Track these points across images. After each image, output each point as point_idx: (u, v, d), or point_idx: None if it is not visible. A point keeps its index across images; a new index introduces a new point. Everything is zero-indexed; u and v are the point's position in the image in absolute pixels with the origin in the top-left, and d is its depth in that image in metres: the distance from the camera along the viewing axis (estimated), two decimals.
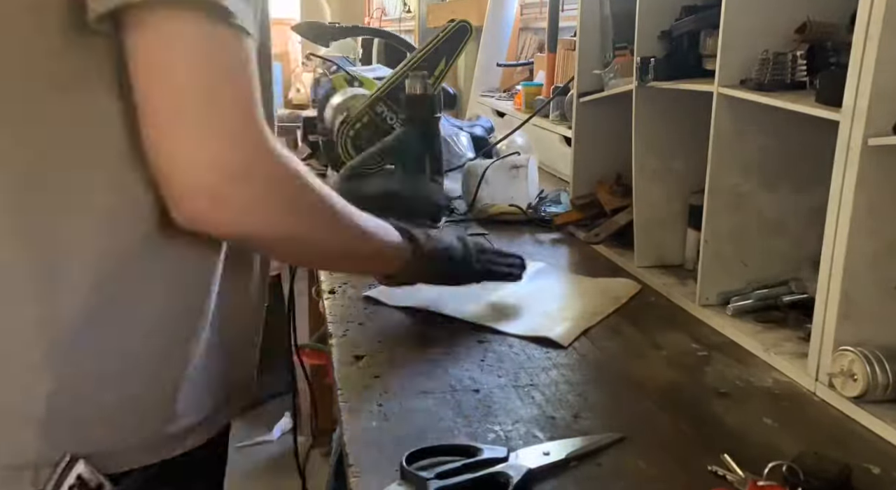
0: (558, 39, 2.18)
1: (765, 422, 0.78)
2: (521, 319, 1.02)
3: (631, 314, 1.07)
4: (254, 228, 0.68)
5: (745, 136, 0.99)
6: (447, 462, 0.67)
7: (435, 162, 1.47)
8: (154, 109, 0.61)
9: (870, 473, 0.69)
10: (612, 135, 1.37)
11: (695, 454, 0.71)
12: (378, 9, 4.97)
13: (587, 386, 0.85)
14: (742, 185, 1.00)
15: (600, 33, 1.40)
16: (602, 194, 1.40)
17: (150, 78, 0.60)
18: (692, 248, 1.17)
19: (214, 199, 0.63)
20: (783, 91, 0.91)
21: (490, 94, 2.81)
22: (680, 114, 1.16)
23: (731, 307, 1.01)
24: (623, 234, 1.31)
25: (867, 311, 0.80)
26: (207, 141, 0.61)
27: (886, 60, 0.73)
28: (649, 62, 1.13)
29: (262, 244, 0.74)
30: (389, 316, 1.04)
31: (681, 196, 1.20)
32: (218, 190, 0.63)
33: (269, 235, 0.70)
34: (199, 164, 0.61)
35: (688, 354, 0.94)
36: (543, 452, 0.69)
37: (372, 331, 0.99)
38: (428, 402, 0.80)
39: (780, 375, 0.88)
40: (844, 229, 0.78)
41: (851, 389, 0.78)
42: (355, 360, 0.90)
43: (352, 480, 0.67)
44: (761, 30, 0.95)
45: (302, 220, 0.72)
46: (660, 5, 1.14)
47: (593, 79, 1.40)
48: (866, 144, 0.75)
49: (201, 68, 0.60)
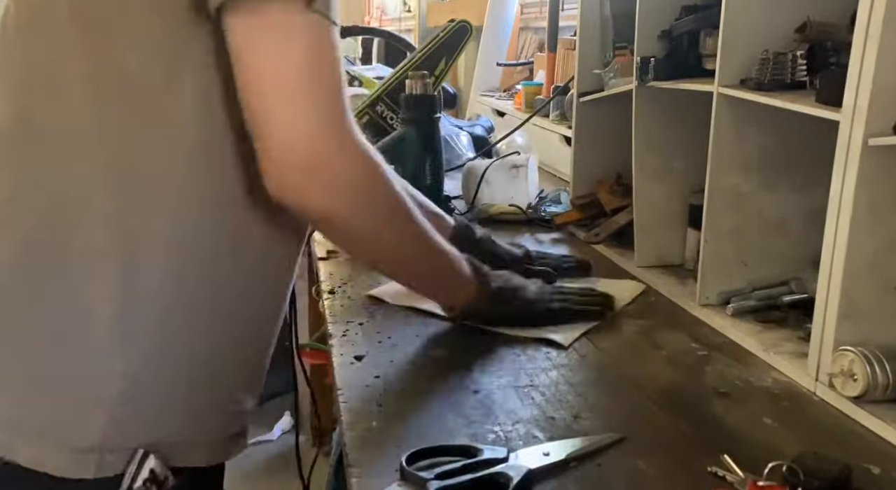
0: (558, 39, 2.18)
1: (765, 422, 0.78)
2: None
3: (631, 314, 1.07)
4: (337, 207, 0.72)
5: (745, 136, 0.99)
6: (447, 462, 0.67)
7: (435, 162, 1.47)
8: (263, 85, 0.66)
9: (870, 473, 0.69)
10: (612, 135, 1.37)
11: (695, 454, 0.71)
12: (378, 8, 4.98)
13: (587, 386, 0.85)
14: (742, 184, 1.00)
15: (600, 33, 1.40)
16: (602, 194, 1.40)
17: (262, 58, 0.65)
18: (692, 248, 1.17)
19: (306, 170, 0.68)
20: (783, 91, 0.91)
21: (490, 93, 2.81)
22: (680, 114, 1.16)
23: (731, 307, 1.01)
24: (623, 234, 1.31)
25: (867, 311, 0.80)
26: (307, 115, 0.67)
27: (886, 60, 0.73)
28: (649, 62, 1.13)
29: (341, 226, 0.76)
30: (389, 316, 1.04)
31: (681, 196, 1.20)
32: (311, 161, 0.67)
33: (349, 218, 0.73)
34: (299, 136, 0.67)
35: (688, 354, 0.94)
36: (543, 453, 0.69)
37: (372, 331, 0.99)
38: (428, 402, 0.80)
39: (780, 375, 0.88)
40: (844, 229, 0.78)
41: (851, 389, 0.78)
42: (355, 360, 0.90)
43: (352, 480, 0.67)
44: (761, 29, 0.95)
45: (380, 210, 0.76)
46: (660, 5, 1.14)
47: (593, 78, 1.40)
48: (866, 144, 0.75)
49: (307, 51, 0.66)
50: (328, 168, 0.69)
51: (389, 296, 1.09)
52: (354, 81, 1.97)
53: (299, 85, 0.66)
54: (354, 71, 2.08)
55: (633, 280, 1.19)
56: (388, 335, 0.98)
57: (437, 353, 0.92)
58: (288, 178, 0.68)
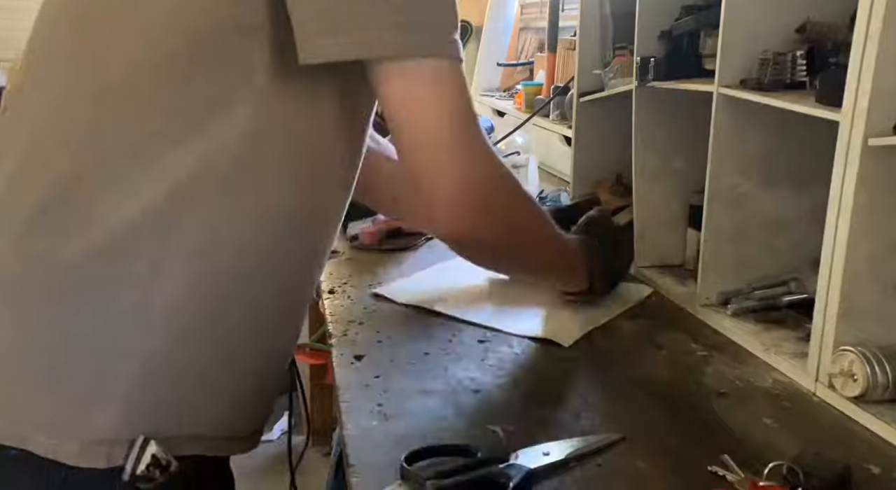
0: (558, 39, 2.17)
1: (765, 422, 0.78)
2: (527, 320, 1.02)
3: (631, 314, 1.07)
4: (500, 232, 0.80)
5: (745, 136, 0.98)
6: (447, 462, 0.67)
7: None
8: (421, 136, 0.72)
9: (870, 473, 0.69)
10: (612, 135, 1.37)
11: (695, 454, 0.71)
12: None
13: (587, 386, 0.85)
14: (742, 184, 1.00)
15: (600, 33, 1.40)
16: (602, 194, 1.40)
17: (419, 111, 0.71)
18: (692, 248, 1.17)
19: (473, 209, 0.74)
20: (783, 91, 0.91)
21: (490, 93, 2.81)
22: (680, 114, 1.16)
23: (731, 307, 1.01)
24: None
25: (867, 311, 0.80)
26: (465, 159, 0.73)
27: (886, 60, 0.73)
28: (649, 62, 1.12)
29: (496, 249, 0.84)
30: (389, 316, 1.04)
31: (681, 196, 1.19)
32: (476, 202, 0.74)
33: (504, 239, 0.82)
34: (462, 180, 0.73)
35: (688, 354, 0.94)
36: (543, 453, 0.69)
37: (372, 331, 0.99)
38: (428, 402, 0.80)
39: (780, 375, 0.88)
40: (844, 229, 0.78)
41: (851, 389, 0.78)
42: (355, 360, 0.90)
43: (352, 480, 0.67)
44: (761, 30, 0.95)
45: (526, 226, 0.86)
46: (660, 5, 1.14)
47: (593, 78, 1.39)
48: (866, 144, 0.75)
49: (458, 96, 0.72)
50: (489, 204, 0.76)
51: (393, 294, 1.09)
52: None
53: (455, 131, 0.72)
54: None
55: (640, 283, 1.18)
56: (388, 335, 0.98)
57: (437, 353, 0.92)
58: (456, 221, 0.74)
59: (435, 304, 1.06)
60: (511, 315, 1.04)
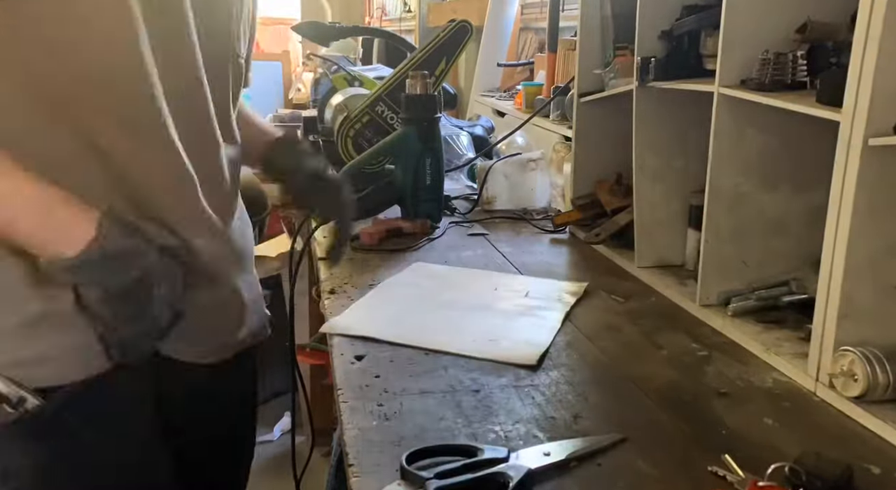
0: (559, 39, 2.18)
1: (765, 422, 0.78)
2: (485, 341, 0.95)
3: (631, 314, 1.07)
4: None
5: (745, 136, 0.99)
6: (447, 462, 0.67)
7: (435, 162, 1.47)
8: None
9: (870, 473, 0.69)
10: (612, 135, 1.37)
11: (695, 454, 0.71)
12: (378, 8, 4.98)
13: (587, 386, 0.85)
14: (742, 185, 1.00)
15: (601, 33, 1.40)
16: (602, 194, 1.40)
17: None
18: (692, 248, 1.17)
19: None
20: (783, 91, 0.91)
21: (490, 93, 2.81)
22: (680, 114, 1.16)
23: (732, 307, 1.01)
24: (623, 234, 1.31)
25: (867, 311, 0.80)
26: None
27: (886, 60, 0.73)
28: (650, 62, 1.13)
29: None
30: None
31: (681, 196, 1.20)
32: None
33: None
34: None
35: (688, 354, 0.94)
36: (544, 453, 0.69)
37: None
38: (428, 402, 0.80)
39: (780, 375, 0.88)
40: (844, 229, 0.78)
41: (852, 389, 0.78)
42: (355, 360, 0.90)
43: (352, 480, 0.67)
44: (762, 30, 0.95)
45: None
46: (660, 5, 1.14)
47: (594, 79, 1.40)
48: (866, 144, 0.75)
49: None
50: None
51: (346, 329, 0.99)
52: (355, 81, 1.97)
53: None
54: (354, 71, 2.08)
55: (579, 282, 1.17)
56: None
57: (437, 353, 0.92)
58: None
59: (388, 334, 0.96)
60: (467, 335, 0.97)
